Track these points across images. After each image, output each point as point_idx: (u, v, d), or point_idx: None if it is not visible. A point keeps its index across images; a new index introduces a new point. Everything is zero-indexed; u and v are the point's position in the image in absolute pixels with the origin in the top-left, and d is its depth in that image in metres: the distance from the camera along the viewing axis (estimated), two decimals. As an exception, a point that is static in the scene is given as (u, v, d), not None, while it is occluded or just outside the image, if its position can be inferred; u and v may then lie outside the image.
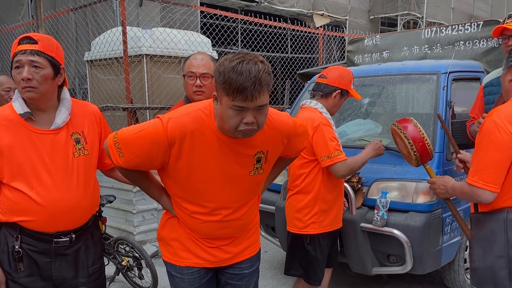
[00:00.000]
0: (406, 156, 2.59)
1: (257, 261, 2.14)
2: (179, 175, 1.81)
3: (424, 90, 3.73)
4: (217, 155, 1.77)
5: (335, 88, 2.92)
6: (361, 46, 4.97)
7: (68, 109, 2.06)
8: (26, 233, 1.98)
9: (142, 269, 3.83)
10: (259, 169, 1.87)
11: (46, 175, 1.95)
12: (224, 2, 10.64)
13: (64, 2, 8.58)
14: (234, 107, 1.60)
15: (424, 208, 3.20)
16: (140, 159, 1.77)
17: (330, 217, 2.91)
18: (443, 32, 4.34)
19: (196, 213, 1.89)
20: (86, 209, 2.09)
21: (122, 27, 5.18)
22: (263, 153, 1.85)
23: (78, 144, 2.05)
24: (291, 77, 9.15)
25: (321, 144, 2.74)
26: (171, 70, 5.66)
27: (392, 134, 2.66)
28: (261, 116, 1.66)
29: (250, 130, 1.65)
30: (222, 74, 1.59)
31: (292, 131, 1.93)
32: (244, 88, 1.55)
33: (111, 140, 1.80)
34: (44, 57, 1.95)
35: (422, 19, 13.76)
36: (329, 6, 12.51)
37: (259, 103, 1.60)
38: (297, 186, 2.92)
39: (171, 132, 1.71)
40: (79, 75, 7.86)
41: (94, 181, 2.16)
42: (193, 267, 1.98)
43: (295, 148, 2.06)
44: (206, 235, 1.95)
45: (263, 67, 1.59)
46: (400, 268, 3.25)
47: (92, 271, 2.15)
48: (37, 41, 1.95)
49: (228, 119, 1.64)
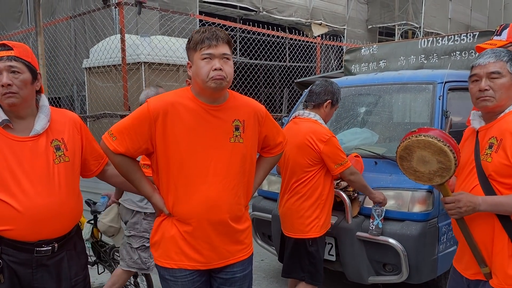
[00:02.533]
0: (430, 174, 1.98)
1: (249, 265, 2.16)
2: (166, 147, 1.97)
3: (421, 99, 3.74)
4: (197, 121, 1.98)
5: (326, 98, 3.12)
6: (358, 55, 4.99)
7: (47, 116, 2.04)
8: (7, 243, 1.93)
9: (138, 277, 3.81)
10: (238, 137, 2.04)
11: (26, 182, 1.92)
12: (223, 11, 10.70)
13: (64, 9, 8.61)
14: (203, 56, 1.93)
15: (420, 217, 3.20)
16: (131, 137, 1.96)
17: (328, 218, 3.10)
18: (440, 42, 4.37)
19: (185, 188, 1.97)
20: (68, 216, 2.05)
21: (121, 35, 5.21)
22: (240, 122, 2.06)
23: (59, 151, 2.03)
24: (289, 86, 9.18)
25: (335, 154, 2.99)
26: (169, 78, 5.68)
27: (416, 147, 1.97)
28: (227, 66, 1.96)
29: (219, 75, 1.92)
30: (190, 38, 1.99)
31: (263, 110, 2.17)
32: (206, 38, 1.93)
33: (106, 134, 2.01)
34: (22, 62, 1.95)
35: (420, 29, 13.86)
36: (327, 15, 12.58)
37: (222, 50, 1.94)
38: (299, 192, 3.06)
39: (153, 108, 1.96)
40: (78, 82, 7.87)
41: (77, 189, 2.12)
42: (186, 270, 2.01)
43: (271, 136, 2.22)
44: (198, 218, 1.97)
45: (221, 29, 1.98)
46: (396, 277, 3.25)
47: (75, 282, 2.10)
48: (12, 48, 1.95)
49: (200, 70, 1.93)
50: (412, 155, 1.97)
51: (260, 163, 2.27)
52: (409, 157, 1.98)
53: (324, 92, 3.13)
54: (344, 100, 3.93)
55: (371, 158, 3.51)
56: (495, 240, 1.95)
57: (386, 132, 3.95)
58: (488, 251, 1.98)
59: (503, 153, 1.89)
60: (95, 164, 2.25)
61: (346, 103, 4.14)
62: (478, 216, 1.97)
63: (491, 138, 1.97)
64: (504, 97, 1.97)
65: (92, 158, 2.22)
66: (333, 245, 3.42)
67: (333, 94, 3.13)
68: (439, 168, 1.93)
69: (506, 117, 1.98)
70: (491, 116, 2.03)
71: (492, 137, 1.97)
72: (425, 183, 2.00)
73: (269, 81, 8.99)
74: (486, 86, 1.97)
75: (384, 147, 3.65)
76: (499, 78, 1.97)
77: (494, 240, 1.95)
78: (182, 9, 8.57)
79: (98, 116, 5.50)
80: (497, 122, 2.00)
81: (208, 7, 10.21)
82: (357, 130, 3.99)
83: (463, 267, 2.11)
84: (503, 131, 1.93)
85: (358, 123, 4.09)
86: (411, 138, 1.95)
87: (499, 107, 1.99)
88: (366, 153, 3.53)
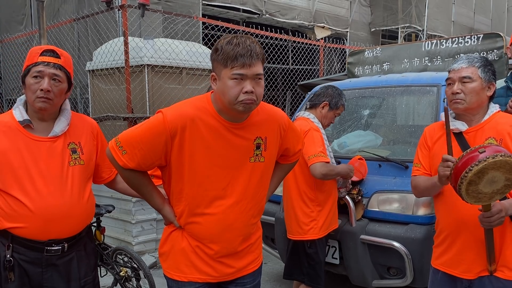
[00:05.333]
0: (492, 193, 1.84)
1: (258, 275, 2.12)
2: (182, 164, 1.82)
3: (425, 102, 3.73)
4: (217, 140, 1.82)
5: (323, 100, 3.15)
6: (362, 58, 4.97)
7: (67, 119, 2.09)
8: (18, 241, 1.97)
9: (140, 280, 3.79)
10: (259, 156, 1.90)
11: (40, 182, 1.96)
12: (226, 14, 10.70)
13: (67, 12, 8.63)
14: (233, 76, 1.71)
15: (424, 220, 3.17)
16: (144, 153, 1.78)
17: (328, 221, 3.08)
18: (444, 44, 4.35)
19: (199, 208, 1.86)
20: (79, 218, 2.08)
21: (124, 37, 5.20)
22: (262, 140, 1.90)
23: (75, 153, 2.07)
24: (291, 89, 9.17)
25: (310, 145, 2.91)
26: (172, 80, 5.67)
27: (491, 169, 1.77)
28: (259, 88, 1.75)
29: (250, 99, 1.73)
30: (220, 49, 1.74)
31: (286, 121, 2.02)
32: (240, 55, 1.69)
33: (113, 143, 1.83)
34: (64, 72, 2.02)
35: (423, 32, 13.83)
36: (330, 18, 12.58)
37: (256, 71, 1.72)
38: (295, 192, 3.08)
39: (172, 123, 1.77)
40: (81, 85, 7.87)
41: (89, 192, 2.15)
42: (195, 283, 1.94)
43: (291, 147, 2.09)
44: (211, 239, 1.89)
45: (255, 41, 1.76)
46: (401, 281, 3.22)
47: (84, 283, 2.12)
48: (60, 56, 2.02)
49: (228, 90, 1.72)
50: (483, 178, 1.78)
51: (276, 171, 2.11)
52: (478, 180, 1.78)
53: (323, 94, 3.20)
54: (348, 103, 3.91)
55: (375, 160, 3.49)
56: (507, 233, 2.04)
57: (390, 134, 3.94)
58: (496, 245, 2.03)
59: None
60: (107, 172, 2.29)
61: (349, 105, 4.12)
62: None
63: (488, 139, 2.04)
64: (474, 101, 2.09)
65: (105, 165, 2.25)
66: (337, 248, 3.40)
67: (332, 97, 3.16)
68: (504, 185, 1.82)
69: (497, 119, 2.10)
70: (469, 118, 2.14)
71: (490, 138, 2.04)
72: (484, 203, 1.88)
73: (272, 84, 8.99)
74: (457, 90, 2.11)
75: (388, 150, 3.63)
76: (469, 83, 2.09)
77: (506, 234, 2.04)
78: (185, 11, 8.57)
79: (101, 119, 5.49)
80: (487, 124, 2.10)
81: (211, 10, 10.22)
82: (361, 133, 3.97)
83: (463, 269, 2.11)
84: (500, 132, 2.04)
85: (361, 126, 4.07)
86: (487, 160, 1.73)
87: (470, 109, 2.11)
88: (370, 156, 3.51)
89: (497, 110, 2.15)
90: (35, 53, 2.00)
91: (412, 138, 3.65)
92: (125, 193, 2.37)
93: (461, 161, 1.80)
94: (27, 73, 1.99)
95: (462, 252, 2.10)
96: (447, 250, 2.17)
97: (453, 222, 2.12)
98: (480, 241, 2.03)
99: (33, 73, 1.97)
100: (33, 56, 2.00)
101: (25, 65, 2.02)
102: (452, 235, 2.13)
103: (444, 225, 2.19)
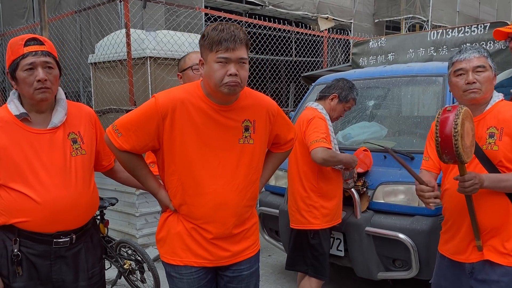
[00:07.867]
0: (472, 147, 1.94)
1: (256, 262, 2.13)
2: (173, 146, 1.90)
3: (430, 92, 3.68)
4: (206, 122, 1.90)
5: (332, 92, 3.13)
6: (366, 48, 4.92)
7: (64, 109, 2.06)
8: (25, 235, 1.95)
9: (144, 273, 3.79)
10: (248, 138, 1.97)
11: (44, 174, 1.94)
12: (228, 5, 10.64)
13: (69, 4, 8.60)
14: (218, 59, 1.80)
15: (430, 211, 3.14)
16: (138, 134, 1.89)
17: (332, 212, 3.05)
18: (449, 34, 4.29)
19: (191, 188, 1.92)
20: (85, 208, 2.07)
21: (126, 30, 5.18)
22: (250, 122, 1.97)
23: (75, 143, 2.05)
24: (295, 80, 9.12)
25: (313, 131, 2.90)
26: (174, 72, 5.63)
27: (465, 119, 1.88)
28: (243, 71, 1.85)
29: (234, 82, 1.82)
30: (206, 34, 1.84)
31: (275, 107, 2.09)
32: (224, 40, 1.79)
33: (110, 128, 1.93)
34: (52, 57, 1.98)
35: (427, 22, 13.72)
36: (334, 9, 12.49)
37: (240, 55, 1.81)
38: (299, 181, 3.05)
39: (163, 105, 1.87)
40: (83, 77, 7.87)
41: (93, 182, 2.14)
42: (192, 267, 1.97)
43: (282, 134, 2.15)
44: (205, 219, 1.93)
45: (239, 27, 1.85)
46: (406, 273, 3.20)
47: (92, 274, 2.12)
48: (44, 42, 1.97)
49: (214, 73, 1.82)
50: (463, 130, 1.83)
51: (268, 158, 2.20)
52: (462, 132, 1.83)
53: (333, 86, 3.18)
54: (352, 94, 3.87)
55: (380, 152, 3.46)
56: (510, 219, 2.05)
57: (395, 125, 3.90)
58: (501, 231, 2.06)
59: (508, 139, 2.02)
60: (107, 159, 2.28)
61: (354, 96, 4.08)
62: (491, 197, 2.05)
63: (489, 128, 2.07)
64: (488, 89, 2.11)
65: (104, 153, 2.24)
66: (342, 240, 3.38)
67: (342, 89, 3.14)
68: (472, 135, 1.93)
69: (499, 108, 2.10)
70: (476, 108, 2.12)
71: (491, 127, 2.07)
72: (469, 159, 1.91)
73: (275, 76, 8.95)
74: (474, 79, 2.09)
75: (393, 141, 3.60)
76: (483, 72, 2.10)
77: (509, 220, 2.05)
78: (188, 3, 8.51)
79: (104, 111, 5.48)
80: (489, 113, 2.11)
81: (214, 2, 10.16)
82: (366, 124, 3.94)
83: (466, 256, 2.15)
84: (502, 121, 2.05)
85: (366, 117, 4.04)
86: (460, 111, 1.82)
87: (484, 98, 2.12)
88: (375, 147, 3.48)
89: (500, 99, 2.15)
90: (18, 45, 1.92)
91: (418, 129, 3.61)
92: (126, 183, 2.36)
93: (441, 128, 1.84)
94: (16, 68, 1.91)
95: (465, 239, 2.15)
96: (452, 237, 2.22)
97: (456, 209, 2.15)
98: (483, 226, 2.07)
99: (24, 66, 1.90)
100: (17, 48, 1.92)
101: (10, 59, 1.92)
102: (457, 223, 2.17)
103: (449, 213, 2.23)
